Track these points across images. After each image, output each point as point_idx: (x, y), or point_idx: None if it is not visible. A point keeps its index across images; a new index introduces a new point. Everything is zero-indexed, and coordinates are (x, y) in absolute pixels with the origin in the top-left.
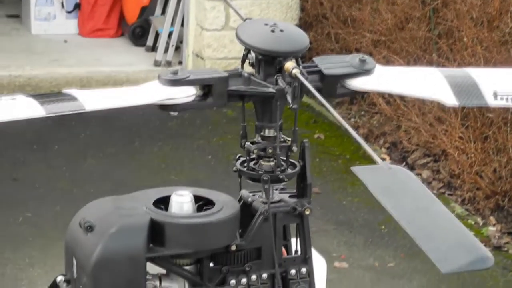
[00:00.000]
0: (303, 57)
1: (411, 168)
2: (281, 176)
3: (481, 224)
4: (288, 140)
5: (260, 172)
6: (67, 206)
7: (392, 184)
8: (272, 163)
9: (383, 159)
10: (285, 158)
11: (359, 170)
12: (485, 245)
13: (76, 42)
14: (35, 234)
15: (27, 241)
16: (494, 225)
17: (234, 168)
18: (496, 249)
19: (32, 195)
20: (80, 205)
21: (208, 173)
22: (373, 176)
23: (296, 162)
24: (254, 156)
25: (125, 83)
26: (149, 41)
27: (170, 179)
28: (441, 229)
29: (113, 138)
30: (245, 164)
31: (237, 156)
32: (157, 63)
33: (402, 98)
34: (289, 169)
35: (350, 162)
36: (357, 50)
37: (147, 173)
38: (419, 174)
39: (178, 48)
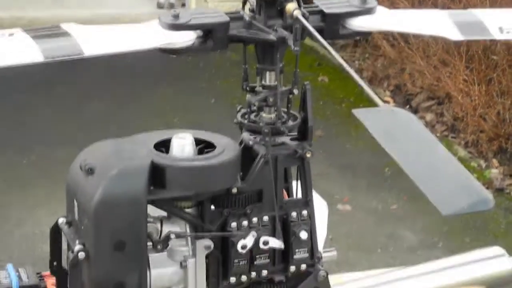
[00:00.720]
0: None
1: (415, 111)
2: (282, 128)
3: (484, 166)
4: (289, 86)
5: (261, 124)
6: (72, 148)
7: (394, 127)
8: (273, 115)
9: (386, 102)
10: (285, 110)
11: (361, 113)
12: (488, 188)
13: None
14: (40, 176)
15: (32, 183)
16: (496, 167)
17: (235, 120)
18: (499, 191)
19: (36, 138)
20: (85, 148)
21: (211, 116)
22: (374, 119)
23: (297, 114)
24: (255, 108)
25: None
26: None
27: (173, 122)
28: (442, 172)
29: (117, 81)
30: (246, 116)
31: (238, 108)
32: (160, 5)
33: (406, 40)
34: (290, 121)
35: (354, 105)
36: None
37: (151, 116)
38: (422, 117)
39: None
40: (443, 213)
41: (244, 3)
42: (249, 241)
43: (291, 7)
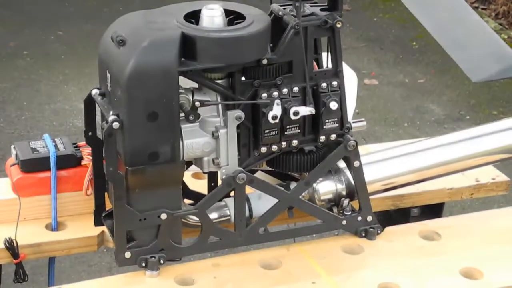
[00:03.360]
0: None
1: None
2: None
3: None
4: None
5: None
6: (98, 24)
7: None
8: None
9: None
10: None
11: None
12: None
13: None
14: (67, 52)
15: (60, 59)
16: None
17: None
18: None
19: (62, 14)
20: (111, 23)
21: None
22: None
23: None
24: None
25: None
26: None
27: None
28: (473, 39)
29: None
30: None
31: None
32: None
33: None
34: None
35: None
36: None
37: None
38: None
39: None
40: (473, 80)
41: None
42: (277, 110)
43: None
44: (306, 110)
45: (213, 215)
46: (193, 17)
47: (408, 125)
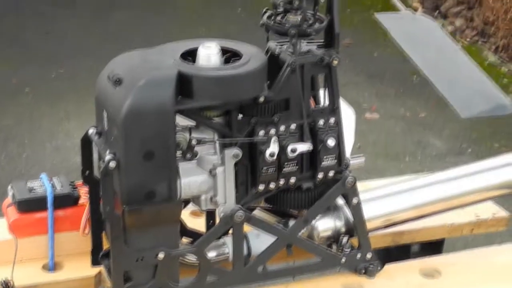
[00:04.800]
0: None
1: (444, 16)
2: (308, 30)
3: None
4: None
5: (287, 26)
6: (99, 61)
7: (416, 32)
8: (299, 17)
9: (414, 9)
10: (312, 12)
11: (382, 16)
12: None
13: None
14: (69, 89)
15: (62, 96)
16: None
17: (261, 22)
18: None
19: (64, 51)
20: (112, 59)
21: (238, 26)
22: (395, 23)
23: (323, 16)
24: (280, 9)
25: None
26: None
27: (200, 32)
28: (463, 78)
29: None
30: (272, 18)
31: (264, 10)
32: None
33: None
34: (316, 24)
35: (402, 4)
36: None
37: (177, 27)
38: (452, 23)
39: None
40: (462, 116)
41: None
42: (275, 148)
43: None
44: (304, 147)
45: (211, 254)
46: (190, 55)
47: (409, 160)
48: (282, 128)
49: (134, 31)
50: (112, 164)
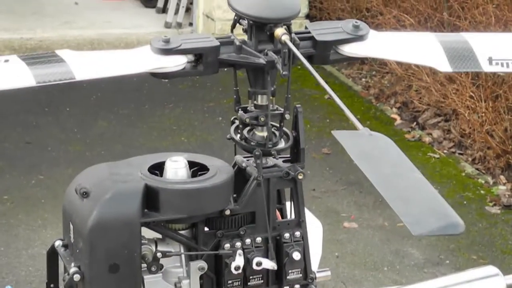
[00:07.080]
0: (314, 18)
1: (422, 127)
2: (273, 152)
3: (491, 183)
4: (281, 108)
5: (252, 143)
6: (80, 168)
7: (371, 150)
8: (264, 134)
9: (393, 119)
10: (278, 126)
11: (339, 134)
12: (495, 204)
13: (86, 4)
14: (47, 196)
15: (40, 203)
16: (504, 184)
17: (228, 136)
18: (506, 208)
19: (44, 158)
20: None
21: (218, 134)
22: (353, 141)
23: (289, 132)
24: (247, 124)
25: (136, 45)
26: (160, 3)
27: (181, 141)
28: (415, 195)
29: (124, 100)
30: (239, 131)
31: (232, 119)
32: (167, 25)
33: None
34: (281, 141)
35: (361, 123)
36: (368, 10)
37: (158, 135)
38: (429, 134)
39: (188, 10)
40: (413, 234)
41: (232, 28)
42: (240, 261)
43: (279, 32)
44: (269, 264)
45: None
46: (158, 168)
47: (388, 269)
48: (247, 241)
49: (115, 140)
50: (77, 277)
